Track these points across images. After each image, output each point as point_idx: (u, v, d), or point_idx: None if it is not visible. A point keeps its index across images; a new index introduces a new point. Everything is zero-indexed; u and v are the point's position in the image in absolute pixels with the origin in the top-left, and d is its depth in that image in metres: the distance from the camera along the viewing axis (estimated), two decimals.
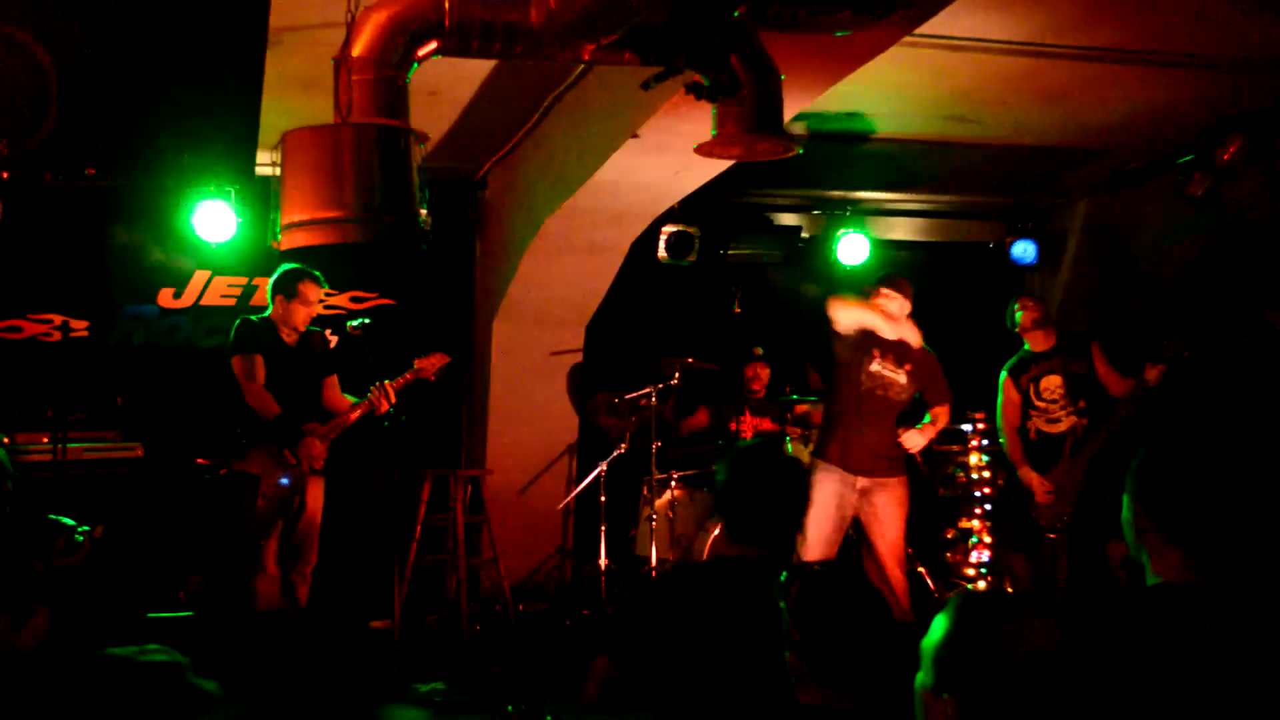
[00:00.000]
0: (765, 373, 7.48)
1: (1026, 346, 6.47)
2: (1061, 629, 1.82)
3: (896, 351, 5.79)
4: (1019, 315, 6.45)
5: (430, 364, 5.99)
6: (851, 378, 5.81)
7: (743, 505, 2.94)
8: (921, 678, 1.93)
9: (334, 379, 6.03)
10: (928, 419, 5.88)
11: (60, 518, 4.01)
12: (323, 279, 5.92)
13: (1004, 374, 6.53)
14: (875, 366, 5.78)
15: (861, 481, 5.73)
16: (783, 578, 2.38)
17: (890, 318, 5.75)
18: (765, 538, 2.92)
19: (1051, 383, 6.35)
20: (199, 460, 5.77)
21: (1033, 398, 6.39)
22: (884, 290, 5.83)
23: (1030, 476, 6.32)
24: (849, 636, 2.21)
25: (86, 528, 3.75)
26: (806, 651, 2.23)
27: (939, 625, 1.92)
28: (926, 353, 5.89)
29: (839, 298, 5.84)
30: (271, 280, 5.90)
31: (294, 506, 5.76)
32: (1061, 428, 6.30)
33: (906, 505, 5.80)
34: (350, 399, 6.03)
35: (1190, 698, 2.12)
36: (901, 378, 5.80)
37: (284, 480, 5.64)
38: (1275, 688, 2.13)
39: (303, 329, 5.86)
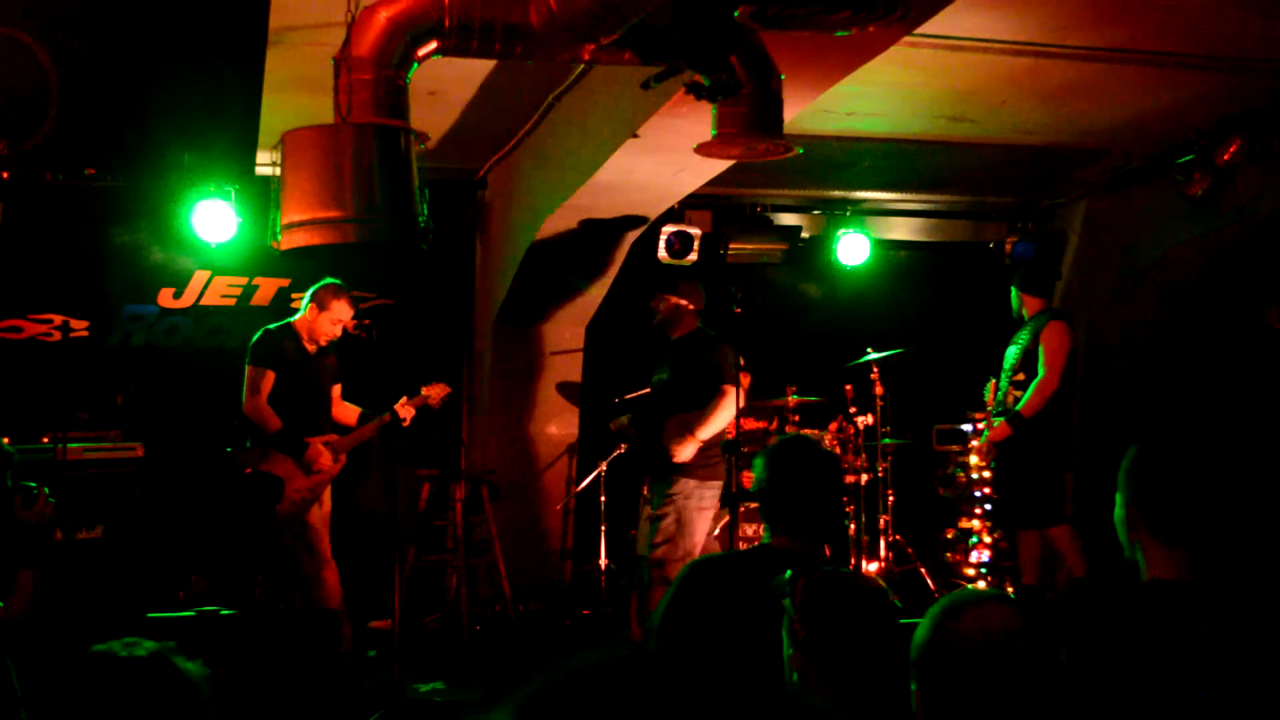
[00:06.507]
0: (746, 380, 7.50)
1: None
2: (1021, 615, 1.83)
3: None
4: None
5: (435, 392, 6.10)
6: None
7: (789, 496, 3.00)
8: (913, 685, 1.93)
9: (338, 388, 6.12)
10: None
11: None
12: (356, 301, 6.08)
13: None
14: None
15: None
16: (786, 575, 2.37)
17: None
18: (808, 528, 2.99)
19: (1010, 354, 6.53)
20: (228, 451, 5.83)
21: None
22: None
23: (983, 438, 6.75)
24: (855, 636, 2.20)
25: (36, 484, 3.70)
26: (811, 650, 2.22)
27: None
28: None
29: None
30: (314, 286, 6.00)
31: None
32: (1008, 399, 6.47)
33: None
34: (355, 408, 6.12)
35: (1181, 695, 2.12)
36: None
37: (307, 486, 5.75)
38: (1267, 685, 2.13)
39: (323, 342, 5.94)
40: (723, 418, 5.79)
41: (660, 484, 5.84)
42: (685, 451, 5.68)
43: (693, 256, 7.56)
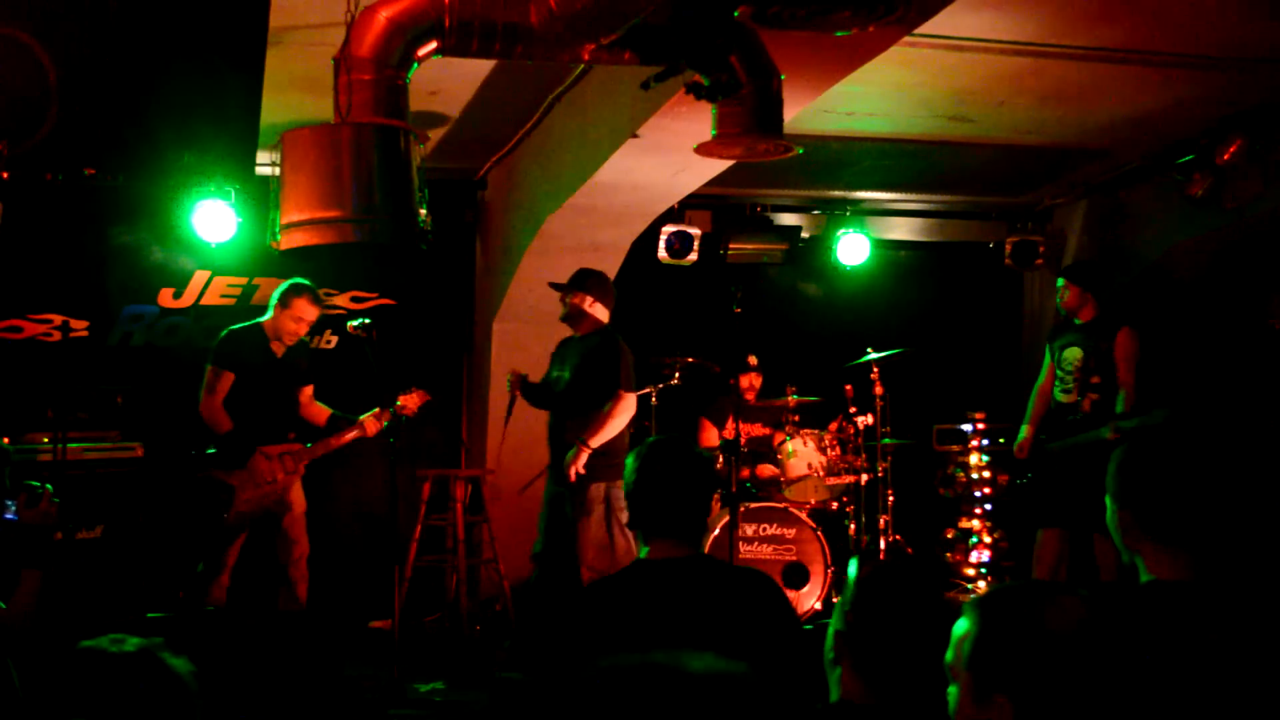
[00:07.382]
0: (758, 381, 7.49)
1: (1075, 319, 6.55)
2: (1086, 604, 1.79)
3: None
4: (1063, 293, 6.56)
5: (412, 401, 6.04)
6: None
7: (660, 497, 2.90)
8: (956, 691, 1.84)
9: (309, 389, 6.13)
10: None
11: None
12: (321, 301, 6.02)
13: (1047, 338, 6.73)
14: None
15: None
16: (854, 560, 2.31)
17: None
18: (683, 530, 2.89)
19: (1072, 354, 6.43)
20: (192, 454, 5.85)
21: (1057, 365, 6.50)
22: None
23: (1024, 433, 6.54)
24: (903, 630, 2.14)
25: (40, 484, 3.70)
26: (853, 638, 2.17)
27: (965, 633, 1.84)
28: None
29: None
30: (279, 287, 5.98)
31: (274, 511, 5.87)
32: (1073, 399, 6.34)
33: None
34: (326, 409, 6.13)
35: (1183, 696, 2.12)
36: None
37: (257, 497, 5.78)
38: (1269, 683, 2.13)
39: (287, 341, 5.93)
40: (616, 424, 5.71)
41: (573, 489, 5.75)
42: (580, 464, 5.68)
43: (693, 256, 7.56)
